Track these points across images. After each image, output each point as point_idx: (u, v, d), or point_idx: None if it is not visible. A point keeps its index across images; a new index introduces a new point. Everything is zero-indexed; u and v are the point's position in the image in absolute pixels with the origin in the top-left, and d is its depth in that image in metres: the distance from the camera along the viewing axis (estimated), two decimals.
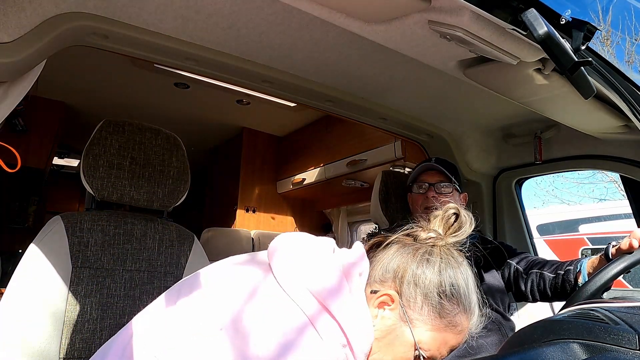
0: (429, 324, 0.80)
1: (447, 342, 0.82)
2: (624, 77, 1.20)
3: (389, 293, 0.81)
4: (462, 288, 0.82)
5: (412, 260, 0.83)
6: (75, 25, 1.11)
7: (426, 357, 0.80)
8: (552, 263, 1.56)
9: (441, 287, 0.80)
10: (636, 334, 0.64)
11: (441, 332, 0.80)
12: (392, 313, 0.81)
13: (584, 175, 9.60)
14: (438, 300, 0.80)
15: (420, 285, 0.80)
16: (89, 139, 1.32)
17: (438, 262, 0.82)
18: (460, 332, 0.82)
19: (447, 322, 0.80)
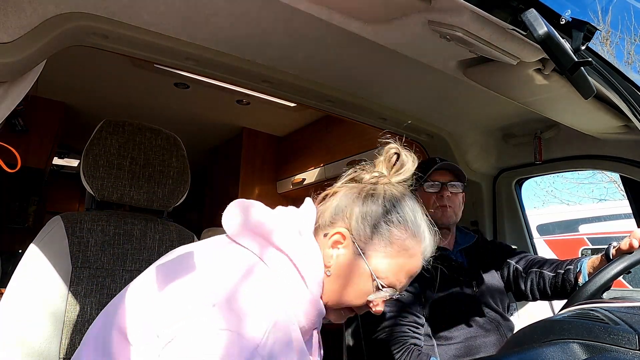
0: (381, 252, 0.84)
1: (403, 267, 0.86)
2: (624, 77, 1.20)
3: (339, 231, 0.85)
4: (408, 214, 0.87)
5: (357, 198, 0.88)
6: (75, 25, 1.11)
7: (385, 285, 0.84)
8: (552, 262, 1.57)
9: (387, 216, 0.85)
10: (636, 334, 0.64)
11: (394, 257, 0.85)
12: (346, 250, 0.85)
13: (584, 176, 9.62)
14: (386, 228, 0.85)
15: (367, 218, 0.85)
16: (89, 139, 1.32)
17: (382, 195, 0.88)
18: (413, 256, 0.86)
19: (398, 247, 0.85)
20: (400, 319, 1.45)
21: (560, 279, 1.47)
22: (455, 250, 1.67)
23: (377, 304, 0.87)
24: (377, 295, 0.85)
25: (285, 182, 3.63)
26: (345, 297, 0.86)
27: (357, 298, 0.86)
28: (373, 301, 0.87)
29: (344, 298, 0.86)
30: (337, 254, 0.85)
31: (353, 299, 0.86)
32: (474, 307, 1.56)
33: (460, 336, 1.50)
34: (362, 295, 0.85)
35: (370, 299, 0.86)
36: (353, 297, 0.86)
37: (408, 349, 1.39)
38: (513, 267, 1.65)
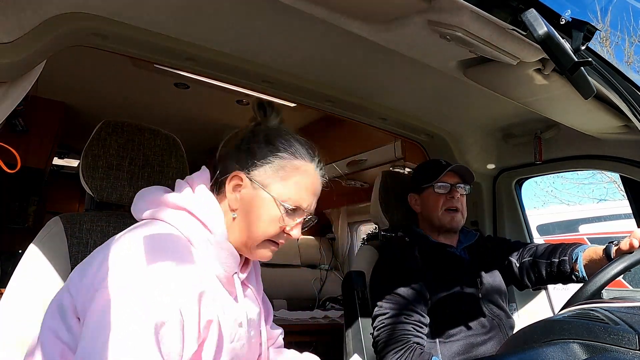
0: (277, 177, 0.93)
1: (301, 185, 0.95)
2: (624, 77, 1.20)
3: (234, 175, 0.94)
4: (289, 141, 0.97)
5: (242, 143, 0.99)
6: (75, 25, 1.11)
7: (291, 207, 0.93)
8: (545, 249, 1.60)
9: (271, 146, 0.95)
10: (636, 334, 0.64)
11: (290, 178, 0.94)
12: (246, 189, 0.94)
13: (584, 176, 9.61)
14: (273, 156, 0.94)
15: (254, 154, 0.95)
16: (88, 139, 1.31)
17: (261, 134, 0.98)
18: (306, 172, 0.96)
19: (289, 168, 0.94)
20: (405, 317, 1.45)
21: (556, 268, 1.51)
22: (459, 248, 1.68)
23: (291, 228, 0.95)
24: (287, 219, 0.93)
25: None
26: (259, 230, 0.93)
27: (270, 227, 0.93)
28: (286, 226, 0.94)
29: (258, 231, 0.93)
30: (239, 196, 0.94)
31: (267, 229, 0.93)
32: (477, 305, 1.56)
33: (462, 334, 1.50)
34: (273, 223, 0.93)
35: (283, 224, 0.93)
36: (266, 227, 0.93)
37: (411, 348, 1.38)
38: (511, 262, 1.67)
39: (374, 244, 1.85)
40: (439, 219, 1.62)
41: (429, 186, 1.65)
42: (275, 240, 0.96)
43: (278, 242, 0.97)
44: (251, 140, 0.98)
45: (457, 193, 1.63)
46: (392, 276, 1.55)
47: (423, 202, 1.68)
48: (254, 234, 0.93)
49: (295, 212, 0.95)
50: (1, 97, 1.00)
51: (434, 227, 1.67)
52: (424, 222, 1.71)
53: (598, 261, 1.34)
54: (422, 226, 1.73)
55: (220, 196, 0.97)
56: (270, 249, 0.97)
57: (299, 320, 2.75)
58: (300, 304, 3.31)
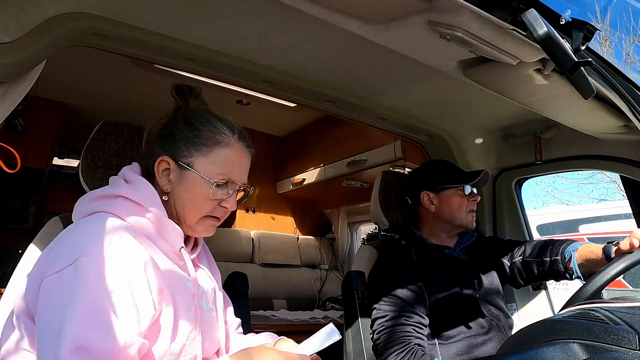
0: (201, 154, 0.97)
1: (226, 158, 0.98)
2: (624, 77, 1.20)
3: (160, 159, 0.97)
4: (207, 118, 1.00)
5: (164, 128, 1.02)
6: (76, 25, 1.11)
7: (221, 181, 0.96)
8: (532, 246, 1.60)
9: (190, 127, 0.98)
10: (636, 334, 0.64)
11: (211, 153, 0.97)
12: (175, 171, 0.97)
13: (584, 176, 9.61)
14: (193, 135, 0.97)
15: (175, 137, 0.98)
16: (88, 139, 1.31)
17: (181, 117, 1.02)
18: (227, 144, 0.99)
19: (212, 144, 0.97)
20: (405, 318, 1.45)
21: (548, 267, 1.51)
22: (457, 249, 1.68)
23: (227, 201, 0.98)
24: (219, 193, 0.96)
25: (285, 182, 3.63)
26: (194, 208, 0.96)
27: (204, 204, 0.96)
28: (221, 201, 0.97)
29: (194, 209, 0.96)
30: (170, 178, 0.97)
31: (201, 206, 0.96)
32: (476, 305, 1.56)
33: (462, 335, 1.50)
34: (205, 199, 0.96)
35: (215, 199, 0.96)
36: (200, 205, 0.96)
37: (412, 350, 1.38)
38: (502, 262, 1.68)
39: (374, 244, 1.84)
40: (462, 219, 1.63)
41: (451, 187, 1.63)
42: (213, 215, 0.99)
43: (217, 216, 1.00)
44: (172, 125, 1.01)
45: (477, 196, 1.67)
46: (389, 279, 1.55)
47: (441, 202, 1.64)
48: (190, 213, 0.97)
49: (226, 185, 0.98)
50: (1, 97, 1.00)
51: (449, 227, 1.65)
52: (434, 221, 1.67)
53: (596, 261, 1.33)
54: (425, 227, 1.71)
55: (153, 182, 1.00)
56: (210, 224, 1.00)
57: (298, 320, 2.75)
58: (300, 304, 3.32)
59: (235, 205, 1.00)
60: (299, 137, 3.57)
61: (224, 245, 3.21)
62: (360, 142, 2.78)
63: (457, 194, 1.63)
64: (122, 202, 0.92)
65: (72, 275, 0.76)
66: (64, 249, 0.81)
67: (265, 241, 3.45)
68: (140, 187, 0.95)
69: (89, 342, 0.71)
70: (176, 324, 0.88)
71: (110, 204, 0.92)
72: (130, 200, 0.92)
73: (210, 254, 1.18)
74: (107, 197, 0.93)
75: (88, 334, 0.71)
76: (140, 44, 1.27)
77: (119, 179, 0.98)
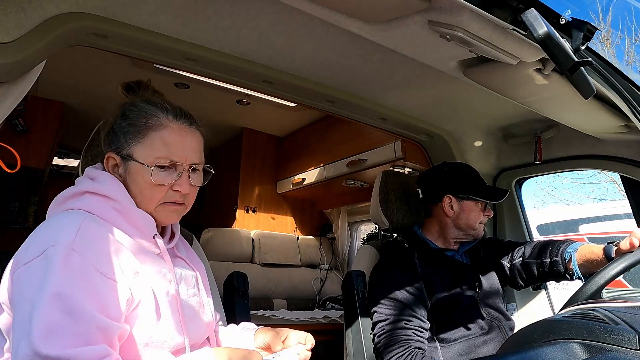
0: (137, 142, 0.96)
1: (163, 139, 0.96)
2: (624, 77, 1.20)
3: (106, 156, 0.98)
4: (137, 106, 1.00)
5: (104, 125, 1.04)
6: (75, 25, 1.11)
7: (164, 164, 0.94)
8: (532, 247, 1.60)
9: (124, 117, 0.99)
10: (636, 334, 0.64)
11: (146, 138, 0.96)
12: (122, 166, 0.97)
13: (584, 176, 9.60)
14: (126, 124, 0.97)
15: (115, 132, 0.99)
16: (88, 139, 1.31)
17: (119, 112, 1.01)
18: (161, 125, 0.97)
19: (144, 129, 0.96)
20: (405, 322, 1.45)
21: (548, 268, 1.51)
22: (461, 252, 1.68)
23: (177, 184, 0.96)
24: (163, 177, 0.95)
25: (285, 182, 3.62)
26: (146, 197, 0.95)
27: (154, 191, 0.95)
28: (173, 184, 0.96)
29: (146, 198, 0.95)
30: (120, 173, 0.97)
31: (152, 194, 0.95)
32: (477, 307, 1.56)
33: (463, 336, 1.50)
34: (154, 186, 0.94)
35: (163, 183, 0.95)
36: (151, 193, 0.95)
37: (412, 353, 1.38)
38: (502, 264, 1.67)
39: (374, 244, 1.84)
40: (475, 229, 1.64)
41: (473, 198, 1.63)
42: (169, 201, 0.97)
43: (173, 201, 0.97)
44: (113, 122, 1.01)
45: (491, 211, 1.70)
46: (391, 282, 1.55)
47: (462, 210, 1.63)
48: (144, 202, 0.96)
49: (171, 168, 0.96)
50: (1, 97, 1.00)
51: (461, 234, 1.65)
52: (447, 225, 1.65)
53: (597, 261, 1.33)
54: (434, 228, 1.70)
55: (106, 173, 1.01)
56: (170, 210, 0.98)
57: (298, 320, 2.75)
58: (300, 304, 3.32)
59: (187, 187, 0.97)
60: (299, 137, 3.57)
61: (224, 245, 3.21)
62: (360, 142, 2.78)
63: (477, 207, 1.63)
64: (89, 197, 0.92)
65: (41, 266, 0.77)
66: (33, 242, 0.82)
67: (265, 241, 3.45)
68: (103, 181, 0.95)
69: (59, 326, 0.71)
70: (157, 308, 0.88)
71: (78, 201, 0.92)
72: (96, 194, 0.92)
73: (191, 249, 1.18)
74: (74, 196, 0.94)
75: (57, 318, 0.72)
76: (140, 43, 1.27)
77: (83, 178, 0.99)
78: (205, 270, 1.18)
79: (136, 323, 0.85)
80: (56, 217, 0.89)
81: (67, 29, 1.09)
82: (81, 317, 0.74)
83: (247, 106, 3.10)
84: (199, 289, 1.05)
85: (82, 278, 0.77)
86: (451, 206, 1.64)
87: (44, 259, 0.78)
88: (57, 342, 0.70)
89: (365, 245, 1.88)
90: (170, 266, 0.96)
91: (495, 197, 1.64)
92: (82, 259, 0.79)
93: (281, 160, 3.78)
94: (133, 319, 0.85)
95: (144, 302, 0.87)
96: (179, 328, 0.92)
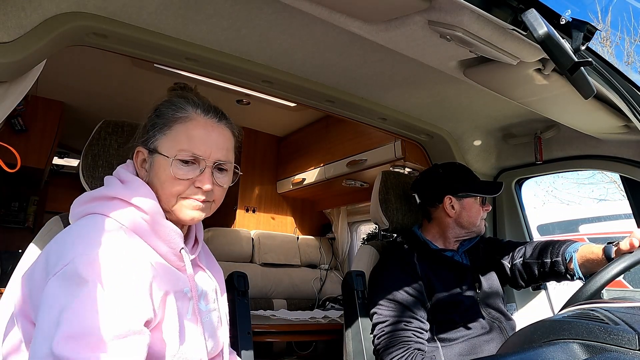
0: (163, 134, 0.95)
1: (189, 133, 0.94)
2: (624, 77, 1.20)
3: (136, 150, 0.98)
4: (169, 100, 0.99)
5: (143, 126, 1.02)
6: (75, 25, 1.11)
7: (187, 159, 0.93)
8: (533, 248, 1.60)
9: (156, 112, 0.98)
10: (636, 334, 0.64)
11: (171, 130, 0.95)
12: (148, 160, 0.97)
13: (584, 176, 9.59)
14: (157, 118, 0.97)
15: (146, 127, 0.99)
16: (88, 139, 1.31)
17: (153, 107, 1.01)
18: (189, 119, 0.95)
19: (171, 122, 0.95)
20: (405, 323, 1.45)
21: (548, 268, 1.51)
22: (460, 252, 1.68)
23: (199, 180, 0.94)
24: (184, 171, 0.93)
25: (285, 182, 3.63)
26: (166, 190, 0.93)
27: (175, 184, 0.93)
28: (195, 181, 0.94)
29: (166, 192, 0.93)
30: (146, 168, 0.97)
31: (172, 187, 0.93)
32: (477, 307, 1.56)
33: (464, 336, 1.50)
34: (173, 179, 0.92)
35: (184, 178, 0.93)
36: (171, 186, 0.93)
37: (412, 354, 1.38)
38: (502, 264, 1.67)
39: (374, 244, 1.84)
40: (477, 225, 1.66)
41: (472, 195, 1.65)
42: (190, 197, 0.94)
43: (194, 197, 0.95)
44: (148, 118, 1.01)
45: (489, 206, 1.72)
46: (390, 284, 1.55)
47: (462, 208, 1.64)
48: (164, 197, 0.94)
49: (194, 163, 0.94)
50: (1, 96, 1.00)
51: (464, 232, 1.66)
52: (448, 225, 1.66)
53: (597, 261, 1.33)
54: (434, 229, 1.70)
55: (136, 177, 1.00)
56: (189, 205, 0.95)
57: (298, 320, 2.75)
58: (300, 304, 3.32)
59: (209, 183, 0.94)
60: (299, 137, 3.57)
61: (224, 245, 3.21)
62: (360, 142, 2.78)
63: (477, 202, 1.65)
64: (118, 204, 0.90)
65: (68, 276, 0.76)
66: (60, 252, 0.80)
67: (265, 241, 3.45)
68: (135, 188, 0.92)
69: (86, 330, 0.71)
70: (180, 330, 0.87)
71: (106, 206, 0.90)
72: (125, 202, 0.90)
73: (210, 253, 1.17)
74: (103, 199, 0.91)
75: (86, 323, 0.71)
76: (140, 43, 1.27)
77: (113, 179, 0.96)
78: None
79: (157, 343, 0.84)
80: (84, 225, 0.86)
81: (67, 28, 1.09)
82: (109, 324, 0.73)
83: (247, 106, 3.10)
84: (218, 303, 1.04)
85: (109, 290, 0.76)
86: (452, 206, 1.64)
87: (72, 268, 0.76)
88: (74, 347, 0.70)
89: (365, 246, 1.88)
90: (194, 284, 0.94)
91: (492, 191, 1.66)
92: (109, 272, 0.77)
93: (281, 160, 3.78)
94: (155, 339, 0.83)
95: (167, 323, 0.85)
96: (200, 347, 0.91)
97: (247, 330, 1.43)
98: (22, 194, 3.78)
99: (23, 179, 3.55)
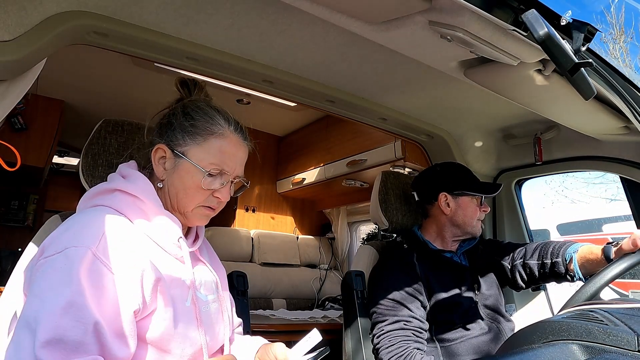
0: (195, 143, 0.98)
1: (220, 148, 0.99)
2: (624, 78, 1.20)
3: (157, 147, 1.00)
4: (204, 109, 1.02)
5: (164, 118, 1.04)
6: (76, 23, 1.11)
7: (214, 171, 0.97)
8: (533, 249, 1.60)
9: (187, 116, 1.00)
10: (635, 336, 0.64)
11: (206, 142, 0.98)
12: (170, 159, 0.99)
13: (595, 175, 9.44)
14: (189, 124, 0.99)
15: (172, 126, 1.00)
16: (88, 138, 1.31)
17: (180, 107, 1.03)
18: (222, 135, 1.00)
19: (205, 134, 0.99)
20: (405, 323, 1.45)
21: (549, 269, 1.51)
22: (459, 253, 1.68)
23: (220, 192, 0.99)
24: (211, 182, 0.98)
25: (285, 181, 3.63)
26: (187, 197, 0.98)
27: (197, 193, 0.97)
28: (215, 191, 0.99)
29: (188, 198, 0.98)
30: (166, 166, 0.99)
31: (194, 195, 0.98)
32: (476, 308, 1.56)
33: (463, 336, 1.50)
34: (198, 189, 0.97)
35: (208, 189, 0.97)
36: (193, 194, 0.97)
37: (411, 354, 1.38)
38: (502, 265, 1.67)
39: (374, 244, 1.85)
40: (473, 226, 1.64)
41: (469, 194, 1.64)
42: (206, 205, 1.00)
43: (210, 206, 1.01)
44: (171, 115, 1.03)
45: (488, 207, 1.70)
46: (390, 283, 1.55)
47: (458, 206, 1.64)
48: (183, 201, 0.98)
49: (219, 175, 0.99)
50: (1, 95, 1.00)
51: (459, 232, 1.65)
52: (444, 224, 1.66)
53: (596, 262, 1.33)
54: (432, 228, 1.70)
55: (150, 171, 1.02)
56: (204, 214, 1.01)
57: (298, 320, 2.75)
58: (300, 303, 3.32)
59: (228, 196, 1.01)
60: (299, 137, 3.57)
61: (224, 245, 3.21)
62: (360, 142, 2.78)
63: (473, 202, 1.64)
64: (119, 195, 0.94)
65: (58, 264, 0.78)
66: (57, 237, 0.83)
67: (265, 240, 3.45)
68: (135, 180, 0.97)
69: (64, 334, 0.72)
70: (176, 317, 0.88)
71: (108, 198, 0.94)
72: (127, 193, 0.94)
73: (212, 249, 1.18)
74: (105, 192, 0.96)
75: (65, 325, 0.72)
76: (140, 42, 1.27)
77: (115, 175, 1.00)
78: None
79: (152, 329, 0.85)
80: (85, 214, 0.90)
81: (67, 27, 1.09)
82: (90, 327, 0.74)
83: (247, 105, 3.10)
84: (219, 294, 1.06)
85: (98, 286, 0.78)
86: (447, 204, 1.64)
87: (63, 257, 0.78)
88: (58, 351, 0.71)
89: (364, 245, 1.88)
90: (191, 272, 0.96)
91: (489, 191, 1.65)
92: (101, 266, 0.79)
93: (281, 159, 3.78)
94: (148, 325, 0.85)
95: (162, 309, 0.87)
96: (197, 336, 0.92)
97: (246, 330, 1.44)
98: (22, 193, 3.78)
99: (23, 178, 3.54)
